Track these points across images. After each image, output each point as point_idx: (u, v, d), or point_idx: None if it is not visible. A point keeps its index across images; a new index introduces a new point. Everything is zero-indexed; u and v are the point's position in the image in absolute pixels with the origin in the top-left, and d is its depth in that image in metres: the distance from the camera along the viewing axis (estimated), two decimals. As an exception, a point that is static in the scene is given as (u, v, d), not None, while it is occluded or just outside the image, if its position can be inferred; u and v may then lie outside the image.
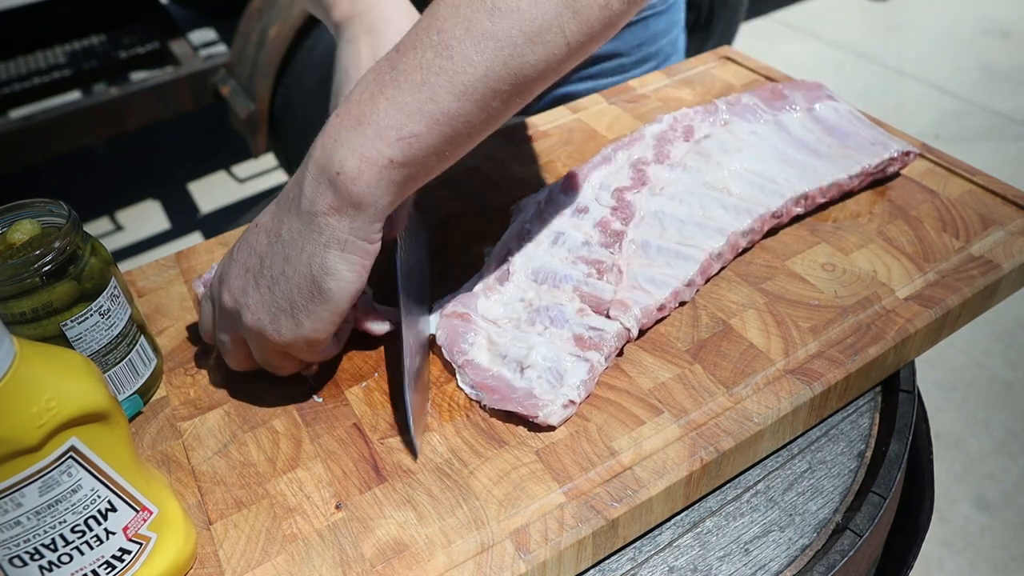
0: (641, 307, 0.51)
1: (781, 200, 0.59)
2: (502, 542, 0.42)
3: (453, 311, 0.53)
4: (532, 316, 0.53)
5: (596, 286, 0.53)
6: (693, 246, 0.56)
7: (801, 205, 0.60)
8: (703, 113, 0.67)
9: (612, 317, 0.51)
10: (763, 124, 0.67)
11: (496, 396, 0.48)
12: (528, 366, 0.49)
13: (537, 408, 0.47)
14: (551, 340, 0.51)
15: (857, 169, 0.61)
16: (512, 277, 0.56)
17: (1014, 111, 2.55)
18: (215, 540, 0.43)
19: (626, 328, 0.50)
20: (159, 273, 0.62)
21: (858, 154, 0.63)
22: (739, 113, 0.67)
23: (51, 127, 1.89)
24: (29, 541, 0.36)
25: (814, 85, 0.70)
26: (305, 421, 0.49)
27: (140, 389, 0.50)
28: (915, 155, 0.64)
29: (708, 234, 0.57)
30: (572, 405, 0.47)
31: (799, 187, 0.60)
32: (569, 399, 0.47)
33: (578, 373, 0.48)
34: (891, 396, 0.54)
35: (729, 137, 0.65)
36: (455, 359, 0.51)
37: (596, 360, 0.49)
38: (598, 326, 0.51)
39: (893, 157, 0.63)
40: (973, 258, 0.56)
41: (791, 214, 0.59)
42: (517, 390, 0.48)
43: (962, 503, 1.47)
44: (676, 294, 0.53)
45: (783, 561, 0.45)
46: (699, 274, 0.55)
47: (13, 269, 0.43)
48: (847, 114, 0.68)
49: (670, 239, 0.57)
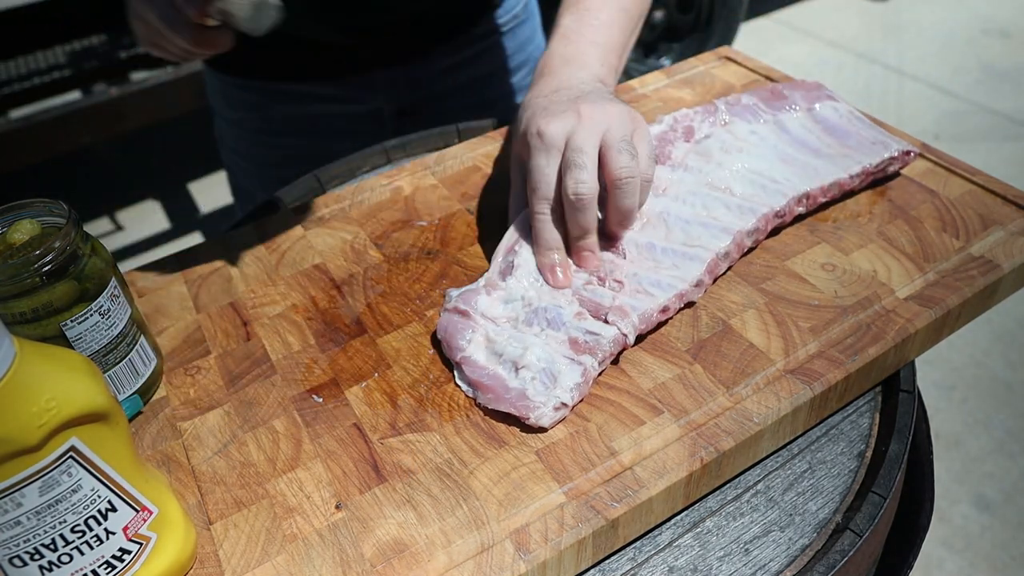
0: (640, 313, 0.51)
1: (783, 199, 0.59)
2: (502, 542, 0.42)
3: (454, 307, 0.53)
4: (530, 316, 0.53)
5: (596, 292, 0.54)
6: (699, 247, 0.56)
7: (803, 204, 0.60)
8: (703, 113, 0.67)
9: (610, 322, 0.51)
10: (763, 124, 0.67)
11: (491, 395, 0.48)
12: (523, 366, 0.49)
13: (529, 410, 0.47)
14: (546, 341, 0.51)
15: (857, 169, 0.61)
16: (514, 274, 0.56)
17: (1014, 111, 2.55)
18: (215, 540, 0.43)
19: (623, 334, 0.50)
20: (159, 273, 0.62)
21: (858, 154, 0.63)
22: (739, 113, 0.67)
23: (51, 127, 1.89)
24: (29, 541, 0.36)
25: (814, 85, 0.70)
26: (305, 421, 0.49)
27: (140, 389, 0.50)
28: (915, 154, 0.64)
29: (714, 234, 0.56)
30: (564, 408, 0.47)
31: (800, 187, 0.60)
32: (561, 402, 0.47)
33: (572, 376, 0.48)
34: (891, 396, 0.54)
35: (729, 137, 0.65)
36: (452, 355, 0.51)
37: (590, 364, 0.49)
38: (594, 330, 0.50)
39: (893, 156, 0.63)
40: (973, 258, 0.56)
41: (793, 213, 0.59)
42: (511, 390, 0.48)
43: (962, 503, 1.47)
44: (681, 296, 0.53)
45: (783, 561, 0.45)
46: (707, 274, 0.55)
47: (13, 269, 0.43)
48: (847, 114, 0.68)
49: (676, 240, 0.57)
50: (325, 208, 0.68)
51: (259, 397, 0.51)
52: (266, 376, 0.53)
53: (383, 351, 0.54)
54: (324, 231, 0.65)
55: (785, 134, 0.66)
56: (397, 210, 0.66)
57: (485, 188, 0.68)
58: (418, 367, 0.52)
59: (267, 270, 0.62)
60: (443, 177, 0.70)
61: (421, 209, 0.66)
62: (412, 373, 0.52)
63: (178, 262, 0.63)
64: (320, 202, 0.68)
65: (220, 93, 0.90)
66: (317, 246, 0.63)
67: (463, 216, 0.65)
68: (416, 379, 0.51)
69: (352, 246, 0.63)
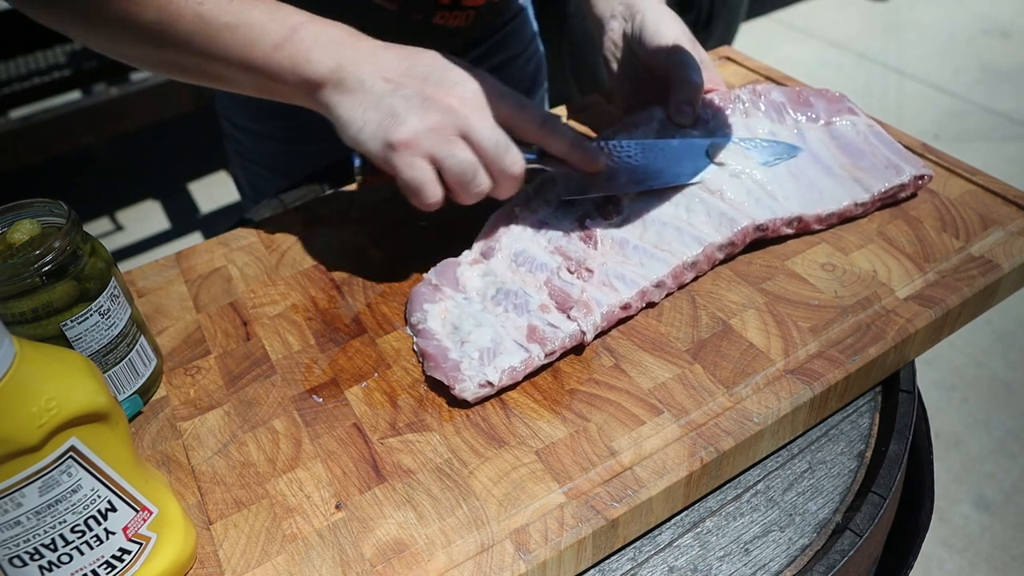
0: (603, 310, 0.52)
1: (770, 216, 0.57)
2: (502, 542, 0.42)
3: (428, 279, 0.56)
4: (499, 296, 0.54)
5: (566, 280, 0.54)
6: (667, 251, 0.56)
7: (792, 227, 0.58)
8: (720, 98, 0.66)
9: (572, 318, 0.51)
10: (784, 128, 0.65)
11: (432, 363, 0.50)
12: (467, 342, 0.51)
13: (456, 381, 0.48)
14: (503, 323, 0.52)
15: (864, 198, 0.59)
16: (496, 254, 0.57)
17: (1014, 111, 2.55)
18: (215, 540, 0.43)
19: (581, 331, 0.51)
20: (159, 273, 0.62)
21: (869, 177, 0.61)
22: (764, 110, 0.66)
23: (51, 127, 1.89)
24: (29, 541, 0.36)
25: (837, 96, 0.68)
26: (305, 421, 0.49)
27: (140, 389, 0.50)
28: (929, 178, 0.61)
29: (685, 241, 0.56)
30: (489, 386, 0.48)
31: (795, 209, 0.58)
32: (487, 380, 0.48)
33: (510, 359, 0.49)
34: (891, 396, 0.54)
35: (746, 133, 0.64)
36: (410, 321, 0.54)
37: (536, 353, 0.50)
38: (555, 323, 0.51)
39: (904, 184, 0.60)
40: (973, 258, 0.56)
41: (778, 232, 0.58)
42: (449, 360, 0.50)
43: (962, 503, 1.47)
44: (643, 294, 0.54)
45: (783, 561, 0.45)
46: (670, 277, 0.55)
47: (13, 269, 0.43)
48: (865, 129, 0.65)
49: (648, 240, 0.57)
50: (325, 208, 0.68)
51: (259, 397, 0.51)
52: (266, 376, 0.53)
53: (383, 351, 0.54)
54: (324, 231, 0.65)
55: (802, 145, 0.64)
56: (397, 210, 0.66)
57: (485, 188, 0.68)
58: (418, 367, 0.52)
59: (267, 270, 0.62)
60: (443, 177, 0.70)
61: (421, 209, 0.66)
62: (412, 373, 0.52)
63: (178, 262, 0.63)
64: (320, 202, 0.68)
65: (239, 104, 0.87)
66: (317, 246, 0.63)
67: (463, 216, 0.65)
68: (416, 379, 0.51)
69: (352, 246, 0.63)
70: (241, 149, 0.92)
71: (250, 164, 0.92)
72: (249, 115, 0.88)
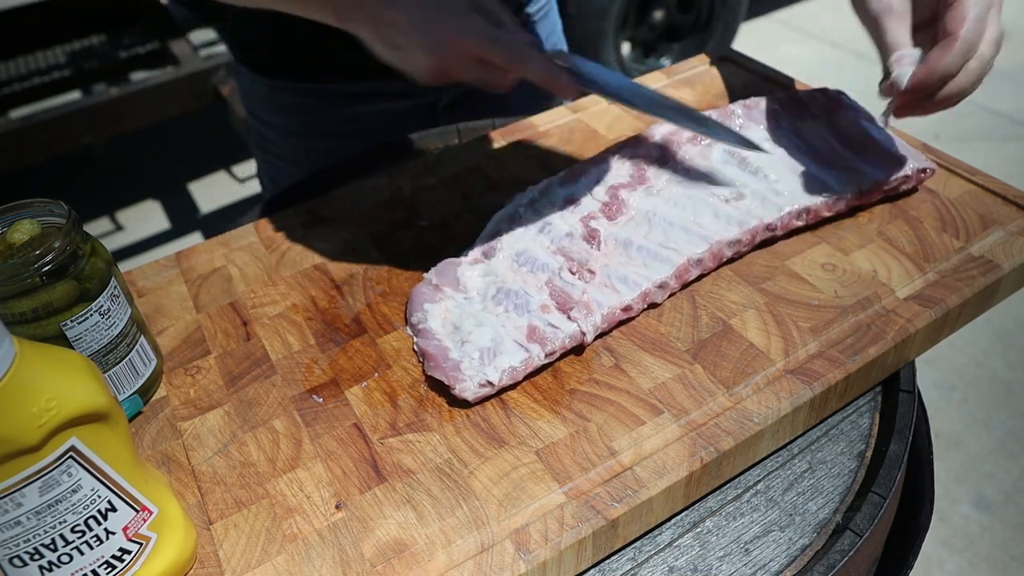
0: (604, 311, 0.52)
1: (779, 213, 0.58)
2: (502, 542, 0.42)
3: (429, 279, 0.56)
4: (499, 296, 0.54)
5: (568, 281, 0.54)
6: (672, 249, 0.56)
7: (803, 219, 0.59)
8: (718, 116, 0.67)
9: (572, 319, 0.51)
10: (778, 130, 0.65)
11: (432, 363, 0.50)
12: (467, 341, 0.51)
13: (456, 381, 0.48)
14: (503, 323, 0.52)
15: (868, 185, 0.60)
16: (498, 254, 0.58)
17: (1014, 111, 2.55)
18: (215, 540, 0.43)
19: (581, 332, 0.51)
20: (159, 273, 0.62)
21: (872, 169, 0.61)
22: (755, 118, 0.66)
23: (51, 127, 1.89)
24: (29, 541, 0.36)
25: (834, 93, 0.68)
26: (305, 421, 0.49)
27: (140, 389, 0.50)
28: (931, 171, 0.61)
29: (691, 239, 0.56)
30: (489, 386, 0.48)
31: (803, 200, 0.59)
32: (487, 379, 0.48)
33: (510, 359, 0.49)
34: (891, 396, 0.54)
35: None
36: (410, 321, 0.54)
37: (536, 353, 0.50)
38: (556, 324, 0.51)
39: (907, 175, 0.60)
40: (973, 258, 0.56)
41: (789, 227, 0.58)
42: (449, 360, 0.50)
43: (962, 503, 1.47)
44: (645, 295, 0.54)
45: (783, 561, 0.45)
46: (673, 278, 0.55)
47: (13, 269, 0.43)
48: (866, 124, 0.66)
49: (653, 240, 0.57)
50: (325, 208, 0.68)
51: (259, 397, 0.51)
52: (266, 376, 0.53)
53: (383, 351, 0.54)
54: (324, 231, 0.65)
55: (800, 142, 0.64)
56: (397, 210, 0.66)
57: (485, 188, 0.68)
58: (418, 367, 0.52)
59: (267, 270, 0.62)
60: (443, 177, 0.70)
61: (421, 209, 0.66)
62: (412, 373, 0.52)
63: (178, 262, 0.63)
64: (320, 202, 0.68)
65: (267, 99, 0.87)
66: (317, 246, 0.63)
67: (463, 216, 0.65)
68: (416, 379, 0.51)
69: (352, 246, 0.63)
70: (263, 142, 0.93)
71: (271, 157, 0.93)
72: (272, 109, 0.88)
